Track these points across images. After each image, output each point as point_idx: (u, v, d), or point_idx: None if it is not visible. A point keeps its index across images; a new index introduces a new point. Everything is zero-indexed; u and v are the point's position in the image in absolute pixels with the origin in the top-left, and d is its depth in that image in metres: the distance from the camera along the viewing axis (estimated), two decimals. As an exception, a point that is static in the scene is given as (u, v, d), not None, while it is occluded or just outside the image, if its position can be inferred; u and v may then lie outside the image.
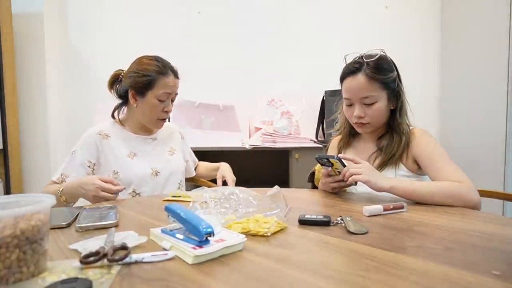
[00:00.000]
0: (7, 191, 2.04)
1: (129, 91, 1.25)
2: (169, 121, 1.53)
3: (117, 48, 2.46)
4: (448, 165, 0.99)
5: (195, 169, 1.54)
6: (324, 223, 0.72)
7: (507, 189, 2.01)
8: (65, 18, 2.40)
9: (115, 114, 1.32)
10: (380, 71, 1.05)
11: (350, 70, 1.08)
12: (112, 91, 1.31)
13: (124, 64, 2.54)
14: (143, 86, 1.22)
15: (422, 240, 0.63)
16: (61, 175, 1.19)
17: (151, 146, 1.32)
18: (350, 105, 1.11)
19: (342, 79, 1.12)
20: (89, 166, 1.21)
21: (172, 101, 1.29)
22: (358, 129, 1.15)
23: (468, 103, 2.37)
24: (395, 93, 1.10)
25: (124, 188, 1.11)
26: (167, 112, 1.27)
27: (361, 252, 0.56)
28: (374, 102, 1.06)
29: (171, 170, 1.30)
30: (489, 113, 2.15)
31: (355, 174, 0.94)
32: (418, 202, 0.92)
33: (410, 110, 1.15)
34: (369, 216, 0.79)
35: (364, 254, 0.55)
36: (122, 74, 1.29)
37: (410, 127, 1.12)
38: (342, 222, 0.72)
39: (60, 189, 1.08)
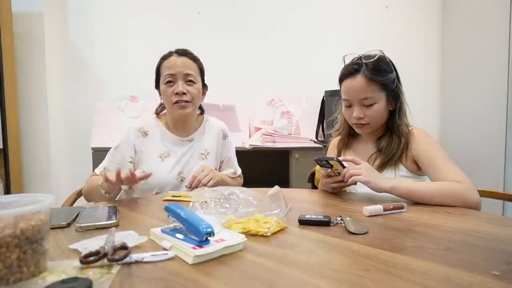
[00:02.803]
0: (7, 191, 2.04)
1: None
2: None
3: (117, 48, 2.46)
4: (447, 165, 0.99)
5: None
6: (324, 223, 0.72)
7: (507, 189, 2.01)
8: (65, 18, 2.40)
9: (158, 112, 1.35)
10: (379, 72, 1.05)
11: (349, 71, 1.08)
12: None
13: (124, 64, 2.54)
14: (156, 78, 1.27)
15: (422, 240, 0.63)
16: (104, 169, 1.22)
17: (185, 148, 1.28)
18: (349, 106, 1.11)
19: (341, 80, 1.12)
20: (130, 162, 1.23)
21: (189, 81, 1.21)
22: (358, 130, 1.15)
23: (468, 103, 2.37)
24: (394, 94, 1.10)
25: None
26: (178, 94, 1.19)
27: (361, 252, 0.56)
28: (373, 103, 1.06)
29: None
30: (489, 113, 2.16)
31: (355, 175, 0.94)
32: (418, 202, 0.92)
33: (409, 110, 1.15)
34: (369, 216, 0.79)
35: (364, 254, 0.55)
36: None
37: (409, 128, 1.12)
38: (342, 222, 0.72)
39: (100, 183, 1.09)
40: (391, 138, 1.10)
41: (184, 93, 1.20)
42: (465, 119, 2.40)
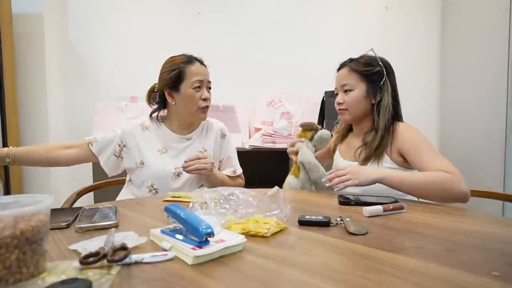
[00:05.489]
0: (7, 191, 2.03)
1: (165, 91, 1.29)
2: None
3: (117, 48, 2.46)
4: (436, 157, 1.03)
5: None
6: (324, 224, 0.72)
7: (507, 190, 2.01)
8: (65, 18, 2.40)
9: (153, 115, 1.36)
10: (362, 64, 1.18)
11: (340, 66, 1.24)
12: (151, 105, 1.37)
13: (124, 64, 2.54)
14: (175, 80, 1.26)
15: (422, 241, 0.63)
16: (93, 137, 1.28)
17: (183, 146, 1.32)
18: (336, 94, 1.23)
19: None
20: (119, 145, 1.28)
21: (208, 89, 1.31)
22: (341, 117, 1.25)
23: (468, 103, 2.37)
24: (376, 87, 1.16)
25: None
26: (205, 99, 1.28)
27: (361, 253, 0.56)
28: (350, 89, 1.17)
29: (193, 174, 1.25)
30: (489, 114, 2.15)
31: (344, 181, 0.99)
32: (407, 192, 0.97)
33: (395, 108, 1.19)
34: (369, 216, 0.79)
35: (363, 254, 0.55)
36: (156, 84, 1.33)
37: (397, 122, 1.16)
38: (342, 222, 0.72)
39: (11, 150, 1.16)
40: (376, 133, 1.16)
41: (208, 99, 1.30)
42: (465, 119, 2.40)
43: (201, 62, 1.31)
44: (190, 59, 1.29)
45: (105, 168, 1.28)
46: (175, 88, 1.27)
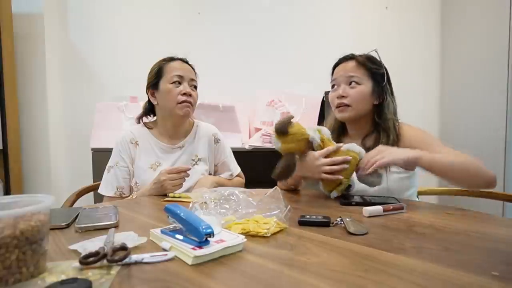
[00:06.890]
0: (7, 192, 2.04)
1: (148, 93, 1.28)
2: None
3: (117, 48, 2.46)
4: (449, 150, 1.00)
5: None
6: (323, 224, 0.72)
7: (507, 190, 2.01)
8: (65, 18, 2.40)
9: (141, 120, 1.35)
10: (370, 61, 1.12)
11: (344, 58, 1.16)
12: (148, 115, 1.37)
13: (124, 64, 2.53)
14: (154, 78, 1.26)
15: (422, 241, 0.63)
16: (117, 188, 1.25)
17: (176, 155, 1.29)
18: (335, 86, 1.15)
19: (335, 67, 1.18)
20: (127, 167, 1.27)
21: (193, 87, 1.27)
22: (338, 114, 1.14)
23: (468, 103, 2.37)
24: (380, 89, 1.11)
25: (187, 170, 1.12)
26: (185, 94, 1.23)
27: (361, 253, 0.56)
28: (358, 83, 1.09)
29: (189, 185, 1.24)
30: (489, 114, 2.15)
31: (377, 160, 0.92)
32: (438, 174, 0.94)
33: (396, 111, 1.15)
34: (368, 216, 0.79)
35: (363, 255, 0.55)
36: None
37: (399, 124, 1.11)
38: (342, 222, 0.72)
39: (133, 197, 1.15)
40: (378, 135, 1.09)
41: (190, 95, 1.24)
42: (465, 120, 2.40)
43: (184, 61, 1.29)
44: (168, 58, 1.28)
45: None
46: (155, 86, 1.25)
